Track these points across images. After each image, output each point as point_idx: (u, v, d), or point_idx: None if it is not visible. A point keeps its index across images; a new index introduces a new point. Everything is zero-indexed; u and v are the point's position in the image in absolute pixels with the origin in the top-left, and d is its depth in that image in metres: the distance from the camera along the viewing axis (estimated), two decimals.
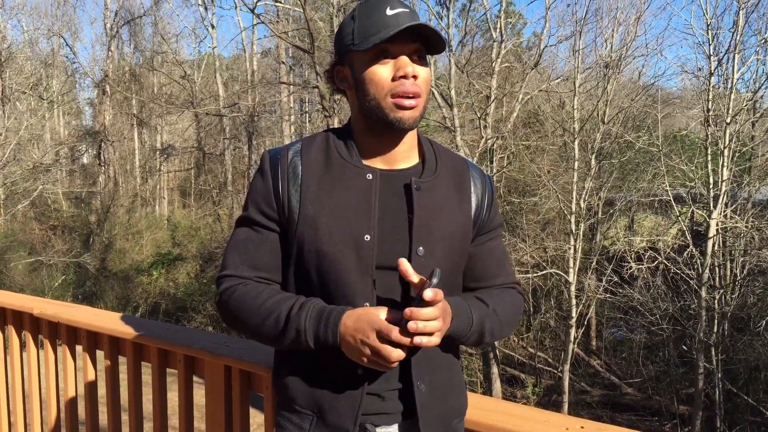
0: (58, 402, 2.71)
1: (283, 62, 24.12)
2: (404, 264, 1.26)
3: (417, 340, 1.18)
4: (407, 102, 1.29)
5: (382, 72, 1.31)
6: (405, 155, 1.40)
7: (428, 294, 1.18)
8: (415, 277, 1.25)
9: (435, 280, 1.20)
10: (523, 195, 17.76)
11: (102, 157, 26.27)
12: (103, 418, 2.48)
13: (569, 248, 14.71)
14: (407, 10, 1.31)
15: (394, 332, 1.19)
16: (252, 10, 14.04)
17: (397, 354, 1.20)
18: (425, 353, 1.35)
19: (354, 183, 1.35)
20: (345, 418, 1.32)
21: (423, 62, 1.33)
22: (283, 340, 1.31)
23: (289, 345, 1.32)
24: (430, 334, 1.20)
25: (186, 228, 25.45)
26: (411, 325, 1.17)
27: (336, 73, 1.41)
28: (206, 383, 2.07)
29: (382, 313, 1.23)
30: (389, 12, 1.29)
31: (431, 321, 1.18)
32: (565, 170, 15.83)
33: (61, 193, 25.79)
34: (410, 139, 1.40)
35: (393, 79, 1.30)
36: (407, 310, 1.18)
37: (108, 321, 2.36)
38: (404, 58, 1.30)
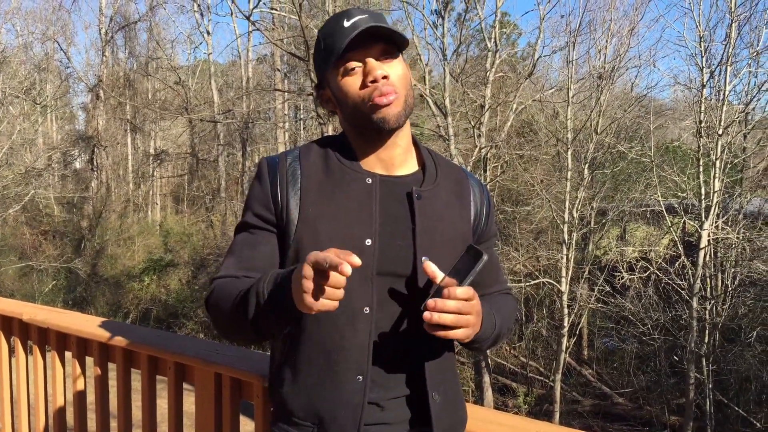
0: (46, 408, 2.69)
1: (278, 69, 24.13)
2: (430, 266, 1.24)
3: (438, 332, 1.16)
4: (383, 99, 1.29)
5: (353, 83, 1.32)
6: (402, 160, 1.40)
7: (461, 292, 1.16)
8: (440, 277, 1.23)
9: (478, 267, 1.18)
10: (517, 204, 17.80)
11: (95, 162, 26.17)
12: (92, 425, 2.46)
13: (562, 258, 14.74)
14: (365, 15, 1.31)
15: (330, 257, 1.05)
16: (248, 18, 14.07)
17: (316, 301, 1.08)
18: (438, 363, 1.35)
19: (354, 187, 1.35)
20: (347, 428, 1.30)
21: (392, 59, 1.33)
22: (248, 313, 1.23)
23: (256, 319, 1.24)
24: (448, 328, 1.17)
25: (178, 234, 25.36)
26: (426, 315, 1.15)
27: (321, 97, 1.43)
28: (196, 391, 2.06)
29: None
30: (346, 24, 1.29)
31: (450, 314, 1.16)
32: (558, 180, 15.88)
33: (53, 198, 25.67)
34: (404, 142, 1.40)
35: (365, 86, 1.31)
36: (431, 301, 1.15)
37: (98, 327, 2.35)
38: (371, 62, 1.30)
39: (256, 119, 23.31)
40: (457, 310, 1.16)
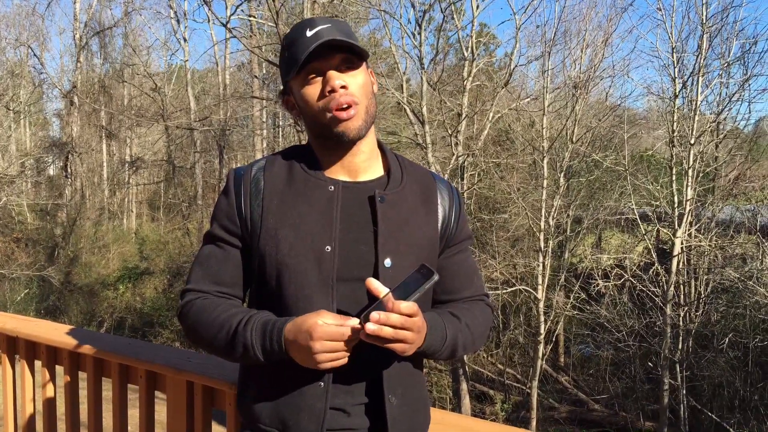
0: (15, 419, 2.65)
1: (255, 76, 24.04)
2: (372, 283, 1.24)
3: (375, 342, 1.19)
4: (343, 114, 1.32)
5: (313, 92, 1.35)
6: (366, 166, 1.42)
7: (405, 307, 1.18)
8: (383, 291, 1.23)
9: (426, 286, 1.20)
10: (494, 212, 17.90)
11: (69, 169, 25.80)
12: None
13: (538, 265, 14.84)
14: (327, 26, 1.34)
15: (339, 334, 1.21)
16: (224, 25, 13.97)
17: (331, 363, 1.22)
18: (396, 368, 1.36)
19: (316, 195, 1.37)
20: None
21: (354, 69, 1.36)
22: (234, 354, 1.32)
23: (241, 359, 1.32)
24: (390, 341, 1.19)
25: (154, 242, 25.09)
26: (369, 327, 1.16)
27: (286, 104, 1.46)
28: (168, 399, 2.05)
29: (321, 318, 1.22)
30: (308, 33, 1.32)
31: (390, 328, 1.17)
32: (535, 188, 16.01)
33: (25, 205, 25.25)
34: (368, 148, 1.42)
35: (324, 96, 1.33)
36: (375, 314, 1.17)
37: (68, 336, 2.33)
38: (331, 73, 1.33)
39: (233, 126, 23.18)
40: (399, 324, 1.18)
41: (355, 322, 1.20)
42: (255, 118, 24.00)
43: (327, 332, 1.19)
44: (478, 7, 14.87)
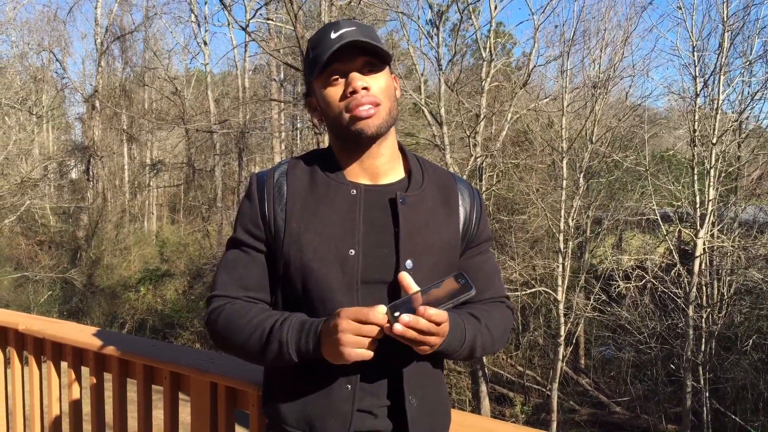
0: (42, 419, 2.69)
1: (274, 79, 24.19)
2: (405, 278, 1.26)
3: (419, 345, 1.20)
4: (363, 112, 1.32)
5: (335, 92, 1.35)
6: (387, 169, 1.42)
7: (436, 314, 1.17)
8: (413, 289, 1.24)
9: (461, 299, 1.19)
10: (512, 213, 17.82)
11: (91, 173, 26.12)
12: None
13: (558, 266, 14.75)
14: (352, 28, 1.34)
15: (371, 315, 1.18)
16: (244, 28, 14.08)
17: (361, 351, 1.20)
18: (416, 369, 1.36)
19: (338, 199, 1.37)
20: None
21: (376, 72, 1.36)
22: (267, 355, 1.31)
23: (273, 360, 1.32)
24: (416, 343, 1.20)
25: (175, 244, 25.32)
26: (397, 328, 1.16)
27: (308, 105, 1.46)
28: (192, 400, 2.07)
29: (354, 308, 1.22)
30: (333, 35, 1.33)
31: (414, 332, 1.17)
32: (554, 189, 15.91)
33: (48, 208, 25.59)
34: (389, 151, 1.42)
35: (345, 97, 1.34)
36: (405, 316, 1.16)
37: (93, 337, 2.36)
38: (353, 74, 1.34)
39: (252, 129, 23.32)
40: (426, 330, 1.18)
41: (382, 309, 1.19)
42: (273, 120, 24.13)
43: (353, 311, 1.19)
44: (495, 7, 14.84)
